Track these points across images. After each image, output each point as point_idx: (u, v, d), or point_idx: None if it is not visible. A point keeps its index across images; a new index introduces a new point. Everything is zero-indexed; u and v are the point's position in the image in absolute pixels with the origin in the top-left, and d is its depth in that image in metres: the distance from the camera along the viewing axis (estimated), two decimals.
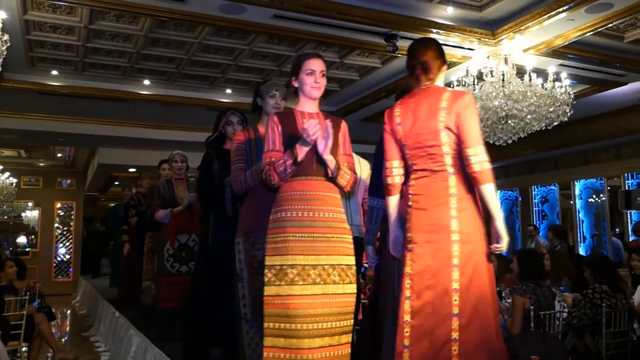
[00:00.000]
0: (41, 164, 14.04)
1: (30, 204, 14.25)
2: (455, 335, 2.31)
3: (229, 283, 3.21)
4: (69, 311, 10.73)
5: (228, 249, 3.10)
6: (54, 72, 7.25)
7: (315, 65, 2.65)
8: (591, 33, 5.61)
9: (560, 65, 6.34)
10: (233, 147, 3.09)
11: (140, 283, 6.09)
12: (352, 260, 2.59)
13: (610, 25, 5.47)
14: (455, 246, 2.38)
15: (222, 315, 3.40)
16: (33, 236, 14.13)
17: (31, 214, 14.27)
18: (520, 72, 5.93)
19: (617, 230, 10.02)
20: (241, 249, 2.97)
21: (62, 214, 14.36)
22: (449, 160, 2.47)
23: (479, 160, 2.43)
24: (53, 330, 5.75)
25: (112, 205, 20.21)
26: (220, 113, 3.80)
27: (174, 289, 4.75)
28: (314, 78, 2.63)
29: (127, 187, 8.30)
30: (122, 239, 7.05)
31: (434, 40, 2.73)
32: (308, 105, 2.70)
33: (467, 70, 6.08)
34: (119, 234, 7.49)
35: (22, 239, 14.21)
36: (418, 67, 2.59)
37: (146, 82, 7.67)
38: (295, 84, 2.69)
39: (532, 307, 3.69)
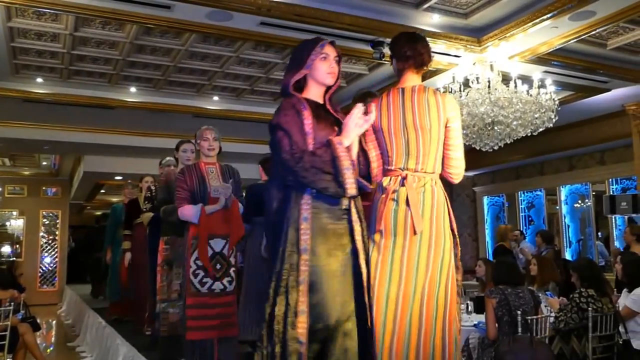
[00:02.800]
0: (26, 173, 13.89)
1: (14, 212, 14.08)
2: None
3: None
4: (54, 321, 10.61)
5: None
6: (39, 80, 7.19)
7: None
8: (575, 40, 5.68)
9: (545, 72, 6.40)
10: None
11: (144, 303, 5.28)
12: None
13: (593, 32, 5.53)
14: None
15: None
16: (18, 245, 13.95)
17: (16, 223, 14.10)
18: (506, 78, 5.98)
19: (599, 234, 10.12)
20: None
21: (47, 222, 14.21)
22: None
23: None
24: (38, 341, 5.68)
25: (98, 213, 20.07)
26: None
27: (205, 313, 3.65)
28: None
29: (131, 184, 7.32)
30: (123, 246, 6.10)
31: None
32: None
33: (453, 77, 6.12)
34: (118, 239, 6.72)
35: (6, 249, 14.03)
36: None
37: (132, 89, 7.64)
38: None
39: (499, 307, 3.75)
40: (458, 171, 2.59)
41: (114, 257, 6.94)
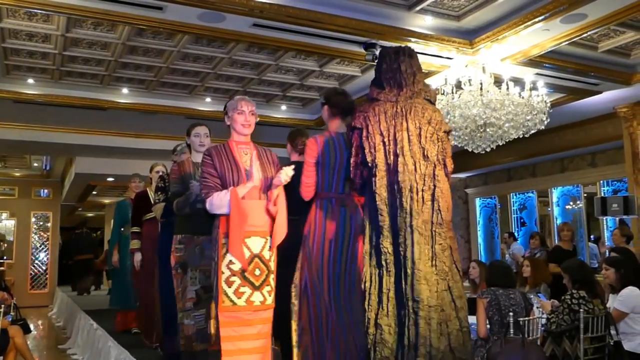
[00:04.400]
0: (17, 174, 13.81)
1: (5, 214, 14.00)
2: None
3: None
4: (45, 323, 10.54)
5: None
6: (30, 81, 7.15)
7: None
8: (566, 43, 5.71)
9: (537, 74, 6.43)
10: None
11: (152, 311, 4.81)
12: None
13: (584, 35, 5.57)
14: None
15: None
16: (7, 246, 13.87)
17: (6, 225, 14.01)
18: (498, 81, 6.01)
19: (592, 237, 10.18)
20: None
21: (39, 224, 14.13)
22: None
23: None
24: (28, 343, 5.64)
25: (88, 215, 20.00)
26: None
27: (244, 333, 2.92)
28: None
29: (138, 176, 6.39)
30: (131, 246, 5.28)
31: None
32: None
33: (445, 79, 6.14)
34: (125, 239, 5.94)
35: None
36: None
37: (124, 90, 7.61)
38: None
39: (490, 307, 3.78)
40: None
41: (122, 260, 6.10)
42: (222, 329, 2.87)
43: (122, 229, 6.14)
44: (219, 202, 2.88)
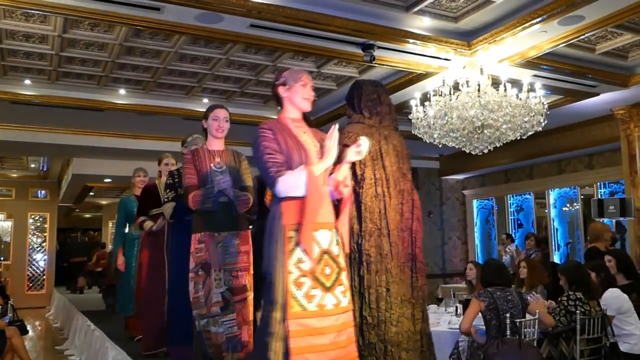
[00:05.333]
0: (14, 175, 13.79)
1: (2, 215, 13.98)
2: None
3: None
4: (42, 324, 10.52)
5: None
6: (27, 82, 7.14)
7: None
8: (564, 45, 5.72)
9: (534, 75, 6.44)
10: None
11: (159, 317, 4.32)
12: None
13: (582, 37, 5.58)
14: None
15: None
16: (4, 247, 13.85)
17: (3, 226, 13.99)
18: (496, 82, 6.01)
19: (588, 239, 10.18)
20: None
21: (36, 225, 14.11)
22: None
23: None
24: (26, 344, 5.62)
25: (86, 217, 19.97)
26: None
27: (316, 344, 2.43)
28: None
29: (142, 170, 5.88)
30: (145, 227, 4.68)
31: None
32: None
33: (443, 81, 6.14)
34: (130, 239, 5.67)
35: None
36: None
37: (122, 91, 7.60)
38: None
39: (487, 311, 3.75)
40: None
41: (128, 262, 5.63)
42: (292, 340, 2.37)
43: (127, 230, 5.75)
44: (294, 181, 2.43)
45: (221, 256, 3.26)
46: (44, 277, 13.88)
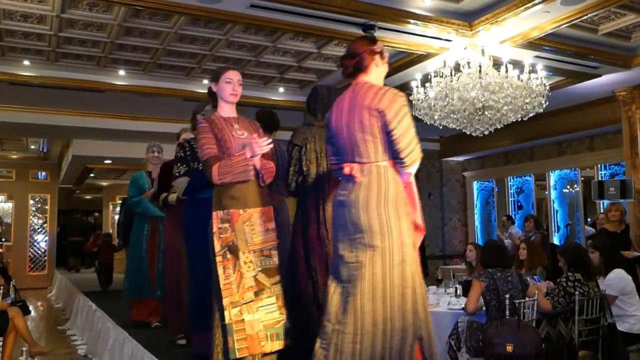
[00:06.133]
0: (14, 156, 13.79)
1: (2, 197, 14.01)
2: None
3: None
4: (44, 305, 10.60)
5: None
6: (26, 62, 7.10)
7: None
8: (566, 25, 5.67)
9: (536, 57, 6.40)
10: None
11: (180, 301, 4.19)
12: None
13: (584, 17, 5.52)
14: None
15: None
16: (5, 228, 13.91)
17: (4, 207, 14.03)
18: (497, 63, 5.97)
19: (589, 220, 10.23)
20: None
21: (37, 206, 14.15)
22: None
23: None
24: (28, 324, 5.67)
25: (86, 198, 19.95)
26: None
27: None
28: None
29: (157, 146, 5.57)
30: (170, 200, 4.24)
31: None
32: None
33: (444, 61, 6.10)
34: (140, 217, 5.39)
35: None
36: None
37: (121, 72, 7.56)
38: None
39: (487, 291, 3.80)
40: None
41: (138, 243, 5.41)
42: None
43: (137, 208, 5.41)
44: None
45: (249, 235, 2.91)
46: (45, 258, 13.96)
